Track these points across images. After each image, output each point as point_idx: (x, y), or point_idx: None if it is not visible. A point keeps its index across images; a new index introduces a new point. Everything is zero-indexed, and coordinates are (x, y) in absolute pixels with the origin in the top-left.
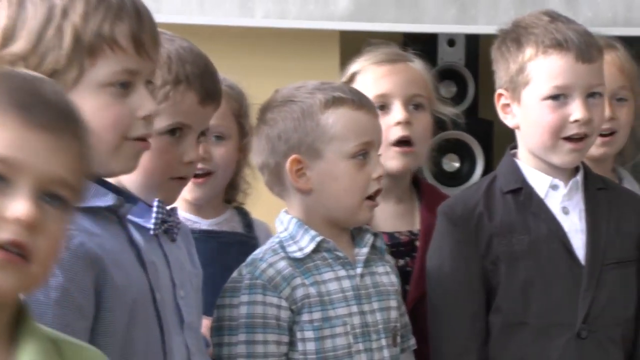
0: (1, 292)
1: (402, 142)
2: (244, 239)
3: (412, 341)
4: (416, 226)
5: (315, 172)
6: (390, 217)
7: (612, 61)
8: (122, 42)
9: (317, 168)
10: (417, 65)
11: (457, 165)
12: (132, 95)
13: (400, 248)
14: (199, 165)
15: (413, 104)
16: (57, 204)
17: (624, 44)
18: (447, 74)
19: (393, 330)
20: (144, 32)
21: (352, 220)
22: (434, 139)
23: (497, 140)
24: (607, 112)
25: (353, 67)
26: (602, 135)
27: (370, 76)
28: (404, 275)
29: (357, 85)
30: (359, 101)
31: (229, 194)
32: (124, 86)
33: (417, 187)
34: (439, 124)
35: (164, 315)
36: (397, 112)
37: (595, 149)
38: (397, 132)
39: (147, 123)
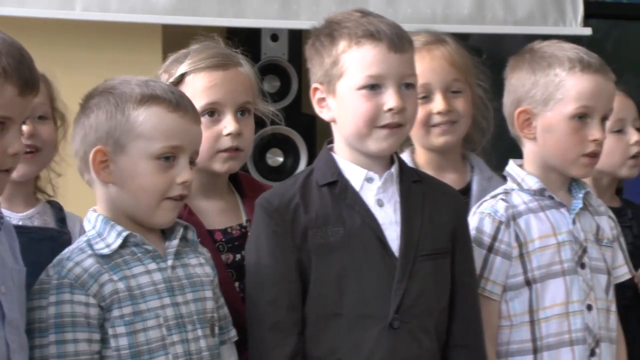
0: None
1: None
2: (56, 235)
3: (233, 332)
4: (244, 218)
5: (117, 167)
6: (218, 213)
7: (442, 55)
8: None
9: (120, 163)
10: (246, 68)
11: (280, 159)
12: None
13: (235, 243)
14: (26, 143)
15: (241, 111)
16: None
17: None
18: (270, 69)
19: (210, 321)
20: None
21: (150, 221)
22: (259, 133)
23: (320, 134)
24: (443, 105)
25: (182, 68)
26: (441, 125)
27: (202, 82)
28: (243, 269)
29: (187, 88)
30: (176, 104)
31: (37, 184)
32: None
33: (234, 180)
34: (260, 119)
35: None
36: (229, 122)
37: (436, 139)
38: (227, 143)
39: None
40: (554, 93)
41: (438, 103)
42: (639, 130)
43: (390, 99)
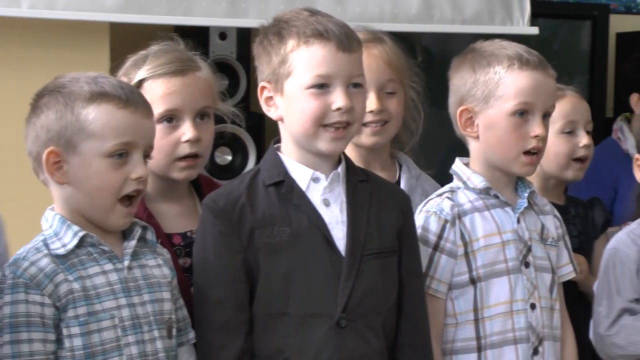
0: None
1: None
2: None
3: (192, 335)
4: None
5: (71, 167)
6: (177, 217)
7: (379, 55)
8: None
9: (73, 163)
10: (205, 72)
11: (229, 158)
12: None
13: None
14: None
15: (200, 116)
16: None
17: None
18: (218, 68)
19: (167, 322)
20: None
21: (104, 223)
22: None
23: (269, 133)
24: (376, 104)
25: (140, 74)
26: (373, 125)
27: (160, 89)
28: None
29: (145, 94)
30: (126, 100)
31: None
32: None
33: (194, 182)
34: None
35: None
36: (187, 129)
37: (367, 138)
38: (186, 149)
39: None
40: (494, 91)
41: (371, 102)
42: (589, 133)
43: (338, 98)
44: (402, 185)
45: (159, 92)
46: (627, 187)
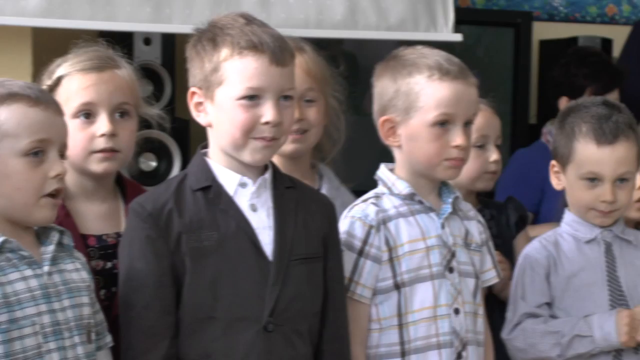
0: None
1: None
2: None
3: (109, 338)
4: (122, 227)
5: None
6: (96, 218)
7: (299, 64)
8: None
9: None
10: (125, 71)
11: (154, 164)
12: None
13: (109, 250)
14: None
15: (119, 113)
16: None
17: (316, 45)
18: (143, 73)
19: (87, 327)
20: None
21: (30, 220)
22: None
23: (194, 139)
24: (296, 113)
25: (59, 71)
26: (293, 133)
27: (76, 84)
28: (112, 277)
29: (62, 90)
30: (36, 98)
31: None
32: None
33: (120, 185)
34: (141, 123)
35: None
36: (102, 123)
37: (286, 146)
38: (101, 144)
39: None
40: (414, 101)
41: None
42: (498, 147)
43: (268, 112)
44: None
45: (74, 87)
46: (553, 188)
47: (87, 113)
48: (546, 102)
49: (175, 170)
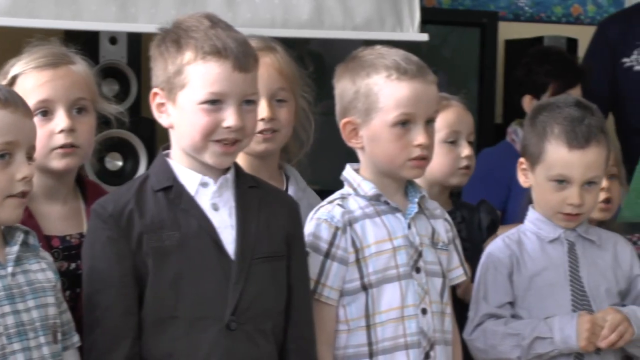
0: None
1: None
2: None
3: (76, 338)
4: (84, 228)
5: None
6: (59, 219)
7: (271, 63)
8: None
9: None
10: (80, 67)
11: (120, 163)
12: None
13: (72, 251)
14: None
15: (76, 108)
16: None
17: (284, 45)
18: (109, 72)
19: (53, 327)
20: None
21: None
22: (97, 137)
23: (160, 139)
24: (268, 112)
25: (14, 70)
26: (262, 132)
27: (32, 81)
28: (76, 278)
29: (18, 89)
30: (5, 100)
31: None
32: None
33: (81, 185)
34: (104, 121)
35: None
36: (60, 119)
37: (257, 145)
38: (61, 140)
39: None
40: (374, 103)
41: (262, 110)
42: (471, 143)
43: (230, 117)
44: None
45: (30, 85)
46: (519, 186)
47: (45, 110)
48: (512, 101)
49: (142, 169)
